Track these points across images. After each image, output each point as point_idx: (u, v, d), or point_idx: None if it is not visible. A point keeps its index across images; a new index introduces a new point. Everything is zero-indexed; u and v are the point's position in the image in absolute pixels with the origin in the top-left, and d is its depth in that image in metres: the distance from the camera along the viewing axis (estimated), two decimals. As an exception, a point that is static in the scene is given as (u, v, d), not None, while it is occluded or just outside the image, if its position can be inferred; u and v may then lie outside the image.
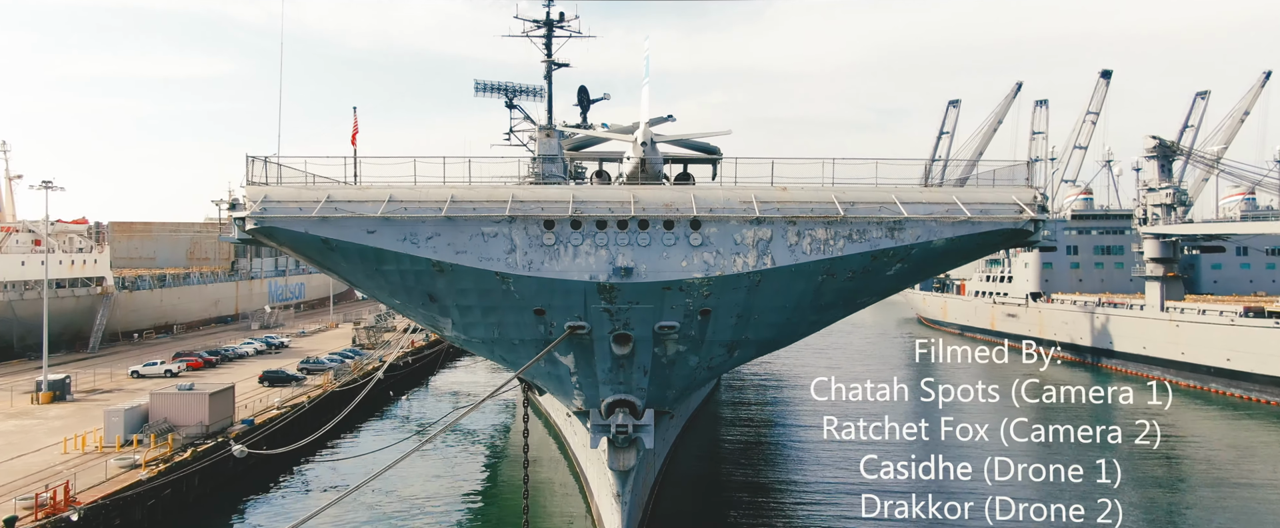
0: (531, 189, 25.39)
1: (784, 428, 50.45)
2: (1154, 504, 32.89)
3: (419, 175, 25.75)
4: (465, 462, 43.07)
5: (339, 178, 26.67)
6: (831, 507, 33.05)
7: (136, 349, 70.32)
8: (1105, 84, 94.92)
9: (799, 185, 25.94)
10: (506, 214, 24.10)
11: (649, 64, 30.68)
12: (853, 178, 25.73)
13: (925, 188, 25.73)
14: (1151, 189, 67.61)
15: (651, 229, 24.56)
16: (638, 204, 24.55)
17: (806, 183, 25.95)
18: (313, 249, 25.07)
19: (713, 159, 35.34)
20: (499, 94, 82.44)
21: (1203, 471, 40.07)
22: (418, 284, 25.37)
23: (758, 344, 28.14)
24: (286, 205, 24.23)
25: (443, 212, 24.01)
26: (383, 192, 24.72)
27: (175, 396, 42.00)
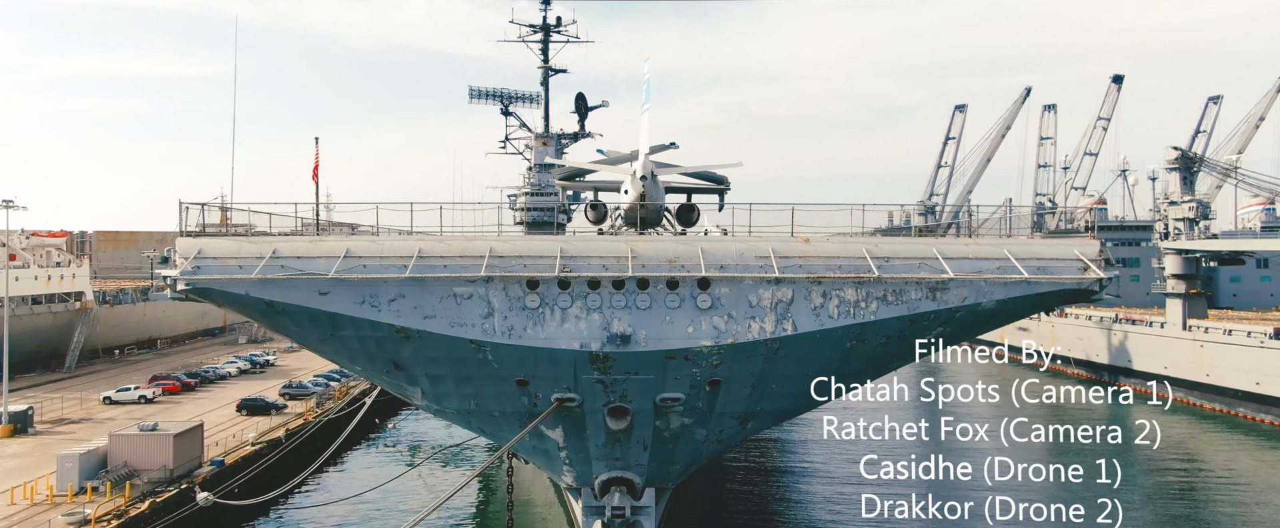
0: (513, 241, 21.40)
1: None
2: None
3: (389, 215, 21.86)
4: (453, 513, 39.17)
5: (303, 217, 22.81)
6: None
7: (116, 367, 66.43)
8: (1117, 89, 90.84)
9: (823, 235, 22.00)
10: (483, 274, 20.12)
11: (649, 88, 26.68)
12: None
13: (970, 239, 21.75)
14: (1173, 202, 63.62)
15: (652, 289, 20.63)
16: (636, 260, 20.60)
17: (832, 232, 22.04)
18: (256, 312, 21.14)
19: (720, 189, 31.38)
20: (494, 101, 78.22)
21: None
22: (380, 351, 21.43)
23: (775, 414, 24.21)
24: (224, 262, 20.27)
25: (407, 270, 20.05)
26: (339, 244, 20.78)
27: (136, 437, 38.05)
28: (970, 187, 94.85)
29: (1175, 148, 63.70)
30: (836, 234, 22.41)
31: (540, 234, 21.79)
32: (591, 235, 22.12)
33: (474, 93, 79.63)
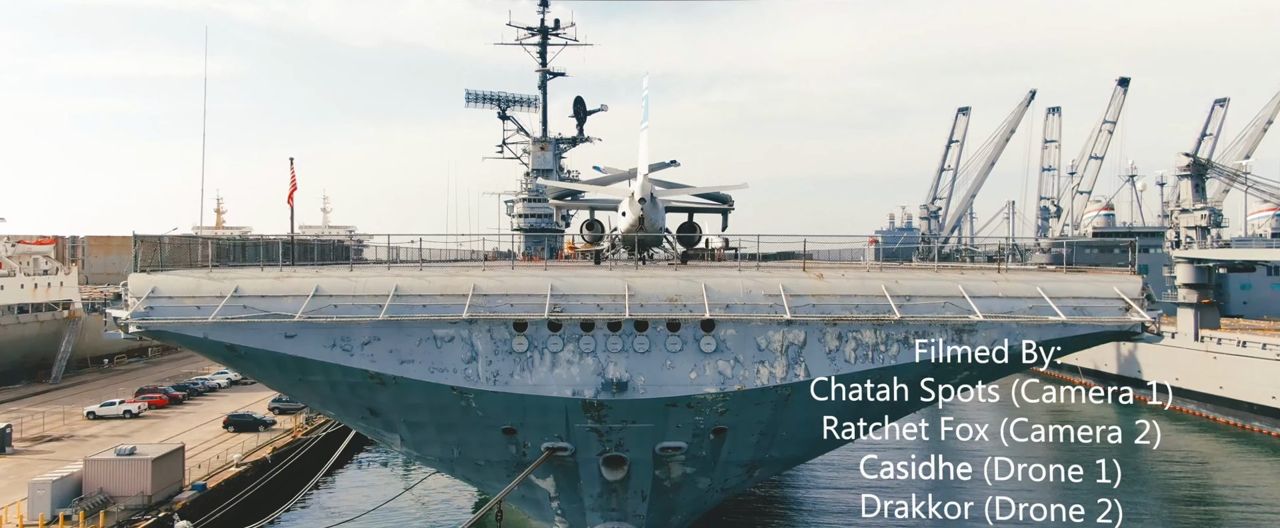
0: (499, 277, 19.35)
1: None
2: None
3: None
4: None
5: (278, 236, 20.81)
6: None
7: (104, 378, 64.43)
8: (1123, 92, 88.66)
9: (838, 269, 19.98)
10: (465, 315, 18.09)
11: (647, 105, 24.61)
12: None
13: (999, 274, 19.71)
14: (1185, 210, 61.54)
15: (651, 331, 18.62)
16: (633, 299, 18.56)
17: (846, 266, 20.01)
18: (217, 355, 19.13)
19: (724, 208, 29.38)
20: (491, 104, 76.10)
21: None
22: (353, 397, 19.41)
23: (785, 461, 22.22)
24: (180, 303, 18.23)
25: (382, 311, 18.02)
26: (307, 281, 18.74)
27: (112, 462, 35.99)
28: (974, 190, 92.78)
29: (1186, 154, 61.71)
30: (851, 267, 20.39)
31: (528, 269, 19.71)
32: (585, 269, 20.09)
33: (471, 96, 77.60)
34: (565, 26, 74.05)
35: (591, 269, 20.05)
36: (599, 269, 19.94)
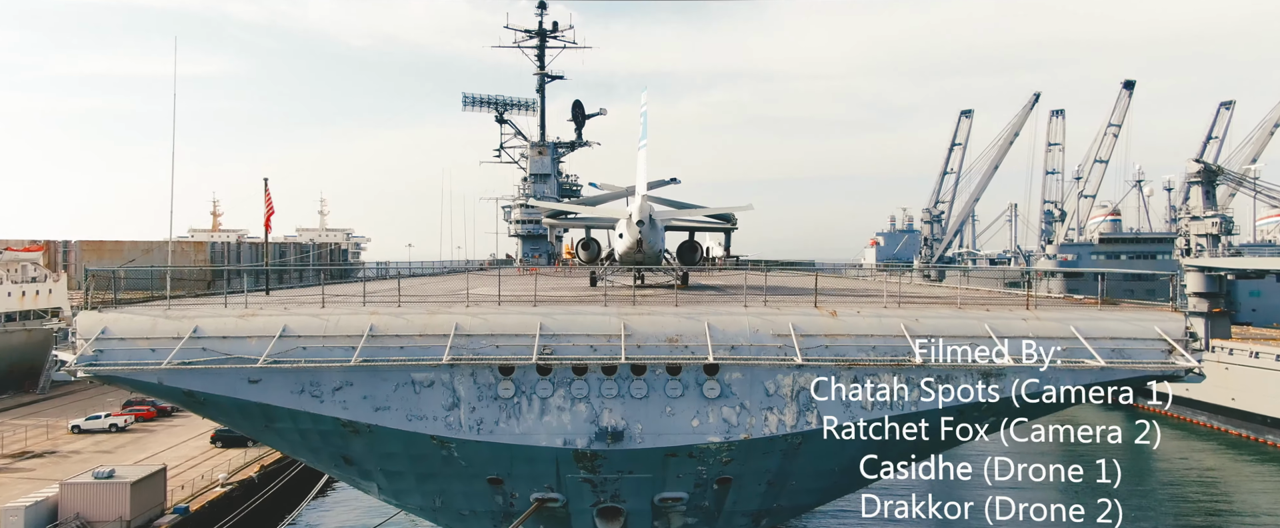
0: (483, 314, 17.61)
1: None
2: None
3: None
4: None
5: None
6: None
7: (93, 387, 62.66)
8: (1128, 95, 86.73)
9: (851, 305, 18.25)
10: (445, 360, 16.35)
11: (645, 123, 22.88)
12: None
13: (1028, 312, 17.97)
14: (1196, 217, 59.76)
15: (650, 375, 16.90)
16: (630, 340, 16.84)
17: (860, 298, 18.31)
18: (174, 400, 17.42)
19: (727, 228, 27.68)
20: (488, 108, 74.19)
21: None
22: (325, 445, 17.69)
23: (794, 510, 20.51)
24: (133, 345, 16.51)
25: (355, 355, 16.30)
26: (274, 319, 17.01)
27: (89, 486, 34.30)
28: (977, 194, 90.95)
29: (1197, 161, 59.98)
30: (867, 302, 18.68)
31: (515, 306, 17.95)
32: (577, 306, 18.34)
33: (468, 100, 75.74)
34: (564, 29, 72.34)
35: (584, 306, 18.29)
36: (593, 306, 18.18)
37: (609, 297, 19.08)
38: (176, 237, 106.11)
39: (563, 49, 73.04)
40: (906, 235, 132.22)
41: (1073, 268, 75.59)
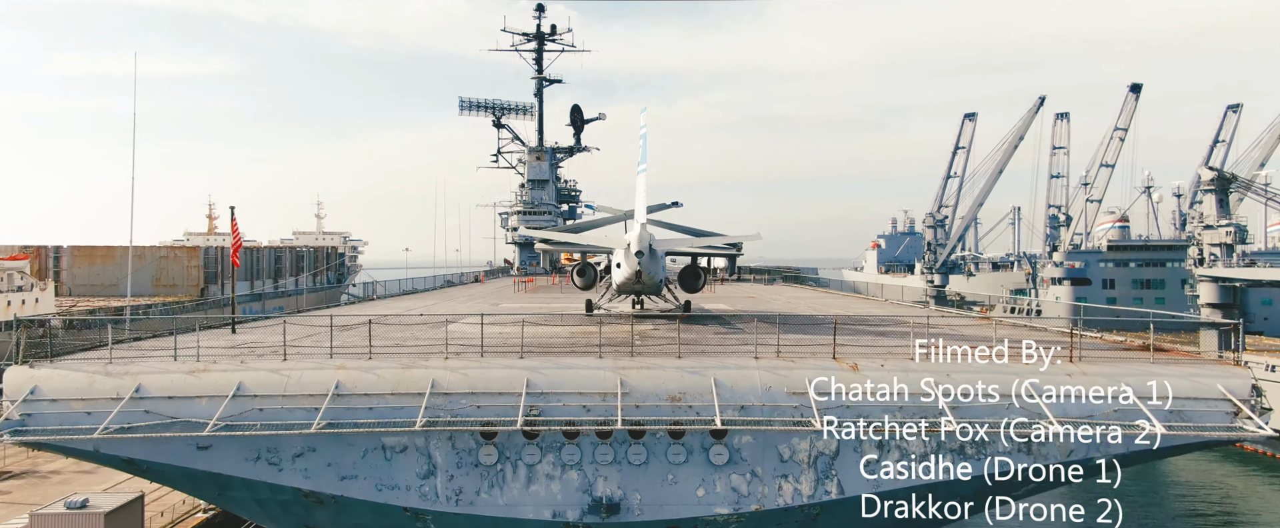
0: (463, 369, 15.59)
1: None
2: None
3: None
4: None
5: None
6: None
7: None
8: (1135, 99, 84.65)
9: (875, 358, 16.23)
10: (419, 425, 14.33)
11: (645, 145, 20.85)
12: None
13: (1072, 365, 15.94)
14: (1209, 226, 57.69)
15: (650, 439, 14.88)
16: (628, 398, 14.83)
17: (880, 335, 16.30)
18: (114, 467, 15.42)
19: (732, 254, 25.67)
20: (485, 112, 71.86)
21: None
22: (286, 515, 15.67)
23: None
24: (67, 407, 14.49)
25: (319, 416, 14.27)
26: (228, 376, 14.99)
27: (61, 517, 32.13)
28: (981, 199, 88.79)
29: (1210, 168, 57.88)
30: (891, 351, 16.66)
31: (500, 359, 15.90)
32: (568, 359, 16.32)
33: (464, 104, 73.68)
34: (562, 32, 70.13)
35: (576, 359, 16.26)
36: (585, 360, 16.15)
37: (604, 343, 17.05)
38: (172, 240, 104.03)
39: (561, 52, 71.03)
40: (908, 238, 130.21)
41: (1080, 276, 73.72)
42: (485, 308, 30.93)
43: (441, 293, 46.29)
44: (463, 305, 32.36)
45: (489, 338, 17.14)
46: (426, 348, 16.87)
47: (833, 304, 34.04)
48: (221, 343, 17.96)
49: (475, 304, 33.64)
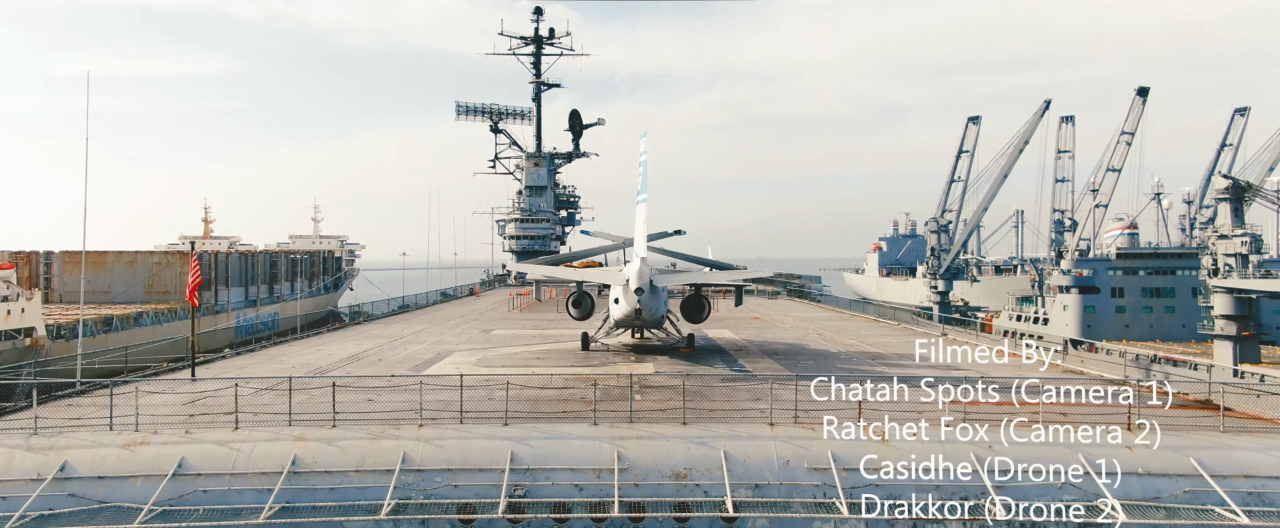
0: (438, 439, 13.56)
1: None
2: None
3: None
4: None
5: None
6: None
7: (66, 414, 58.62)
8: (1141, 103, 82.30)
9: (903, 416, 14.20)
10: (386, 509, 12.31)
11: (645, 173, 18.80)
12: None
13: (1129, 429, 13.91)
14: (1223, 236, 55.49)
15: (651, 523, 12.84)
16: (625, 474, 12.83)
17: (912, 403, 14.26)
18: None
19: (738, 285, 23.63)
20: (483, 117, 69.54)
21: None
22: (238, 607, 13.61)
23: None
24: (-19, 490, 12.43)
25: (270, 501, 12.25)
26: (169, 449, 12.97)
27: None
28: (986, 203, 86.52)
29: (1225, 176, 55.69)
30: (922, 407, 14.61)
31: (482, 427, 13.87)
32: (557, 426, 14.30)
33: (461, 109, 71.47)
34: (560, 35, 67.74)
35: (567, 426, 14.22)
36: (578, 426, 14.12)
37: (600, 397, 15.03)
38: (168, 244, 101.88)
39: (560, 56, 68.74)
40: (909, 240, 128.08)
41: (1088, 284, 71.54)
42: (475, 335, 28.91)
43: (433, 312, 44.24)
44: (452, 333, 30.29)
45: (471, 385, 15.16)
46: (398, 411, 14.82)
47: (844, 330, 31.97)
48: (172, 400, 15.91)
49: (466, 329, 31.60)
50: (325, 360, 22.65)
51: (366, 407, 15.09)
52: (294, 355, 23.86)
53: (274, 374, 20.10)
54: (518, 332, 30.16)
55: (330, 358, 23.21)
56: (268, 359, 23.34)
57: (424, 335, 29.42)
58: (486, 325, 32.98)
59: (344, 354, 24.15)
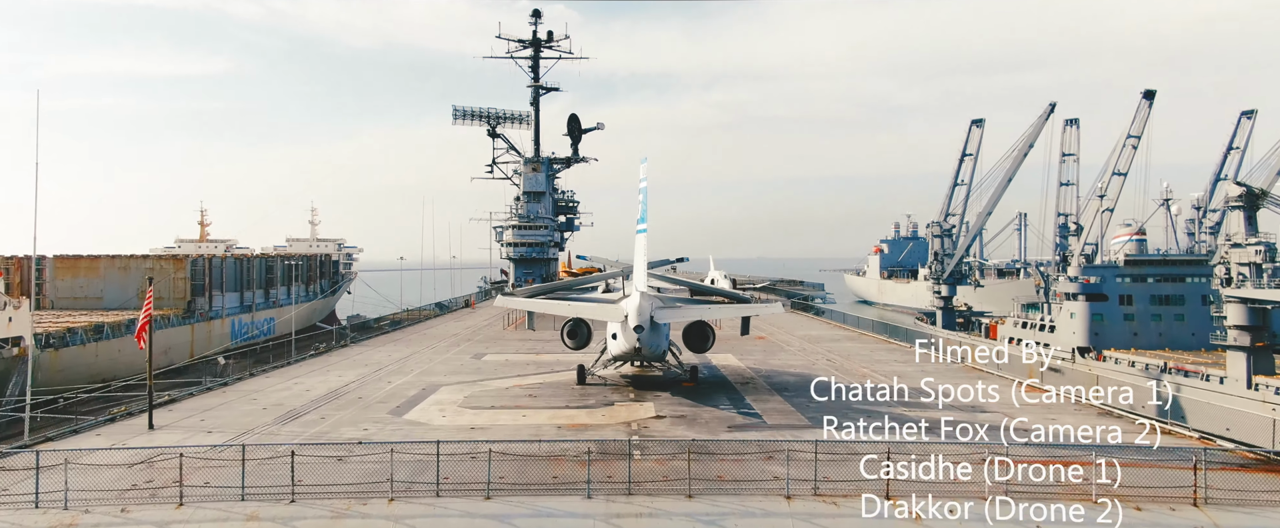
0: (413, 518, 11.78)
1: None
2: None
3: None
4: None
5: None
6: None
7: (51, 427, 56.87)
8: (1148, 106, 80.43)
9: (938, 491, 12.46)
10: (344, 610, 10.52)
11: (645, 201, 17.03)
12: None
13: (1196, 507, 12.16)
14: (1237, 245, 53.76)
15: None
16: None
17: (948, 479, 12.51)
18: None
19: (745, 315, 21.89)
20: (480, 121, 67.62)
21: None
22: None
23: None
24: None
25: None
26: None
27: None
28: (990, 208, 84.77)
29: (1238, 183, 53.95)
30: (956, 483, 12.84)
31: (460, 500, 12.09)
32: (546, 497, 12.54)
33: (459, 113, 69.54)
34: (559, 39, 65.75)
35: (556, 499, 12.45)
36: (569, 500, 12.35)
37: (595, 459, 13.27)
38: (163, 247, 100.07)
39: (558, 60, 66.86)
40: (911, 242, 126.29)
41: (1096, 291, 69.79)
42: (465, 362, 27.09)
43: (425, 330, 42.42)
44: (442, 358, 28.46)
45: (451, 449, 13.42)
46: (368, 479, 13.00)
47: (855, 355, 30.20)
48: (117, 464, 14.08)
49: (456, 354, 29.76)
50: (300, 400, 20.86)
51: (333, 472, 13.32)
52: (268, 392, 22.07)
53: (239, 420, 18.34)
54: (511, 357, 28.36)
55: (306, 395, 21.42)
56: (240, 396, 21.54)
57: (412, 363, 27.61)
58: (479, 349, 31.16)
59: (323, 389, 22.35)
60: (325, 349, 32.13)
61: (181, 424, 17.37)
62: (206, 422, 18.21)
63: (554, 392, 21.13)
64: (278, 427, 16.56)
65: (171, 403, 21.01)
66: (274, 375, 25.13)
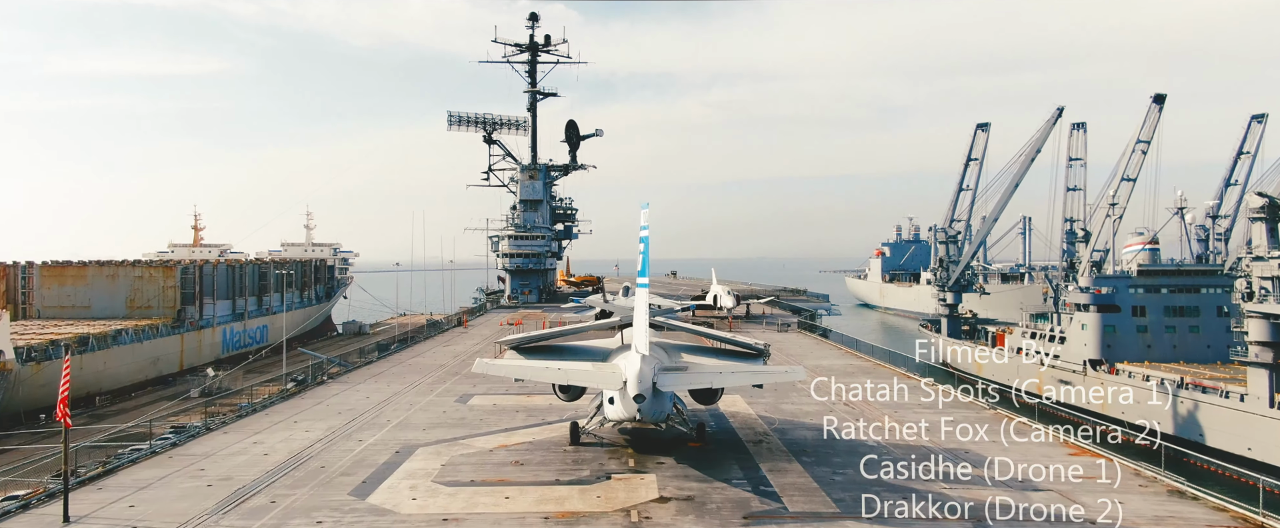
0: None
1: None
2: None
3: None
4: None
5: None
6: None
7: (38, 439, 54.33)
8: (1158, 110, 77.78)
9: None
10: None
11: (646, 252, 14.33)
12: None
13: None
14: (1258, 258, 51.00)
15: None
16: None
17: None
18: None
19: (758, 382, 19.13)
20: (476, 127, 64.77)
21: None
22: None
23: None
24: None
25: None
26: None
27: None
28: (996, 214, 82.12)
29: (1260, 194, 51.17)
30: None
31: None
32: None
33: (454, 119, 66.54)
34: (557, 43, 62.86)
35: None
36: None
37: None
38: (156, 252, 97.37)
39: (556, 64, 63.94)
40: (913, 245, 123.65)
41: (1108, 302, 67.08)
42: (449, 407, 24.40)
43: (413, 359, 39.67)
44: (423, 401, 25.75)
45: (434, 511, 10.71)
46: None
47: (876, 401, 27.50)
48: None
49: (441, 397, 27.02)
50: (254, 469, 18.14)
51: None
52: (219, 458, 19.36)
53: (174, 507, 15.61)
54: (499, 401, 25.62)
55: (263, 462, 18.70)
56: (186, 465, 18.82)
57: (391, 409, 24.86)
58: (465, 388, 28.40)
59: (284, 452, 19.65)
60: (299, 389, 29.00)
61: (103, 515, 14.64)
62: (136, 511, 15.48)
63: (544, 457, 18.41)
64: (216, 520, 13.83)
65: (103, 477, 18.22)
66: (233, 429, 22.40)
